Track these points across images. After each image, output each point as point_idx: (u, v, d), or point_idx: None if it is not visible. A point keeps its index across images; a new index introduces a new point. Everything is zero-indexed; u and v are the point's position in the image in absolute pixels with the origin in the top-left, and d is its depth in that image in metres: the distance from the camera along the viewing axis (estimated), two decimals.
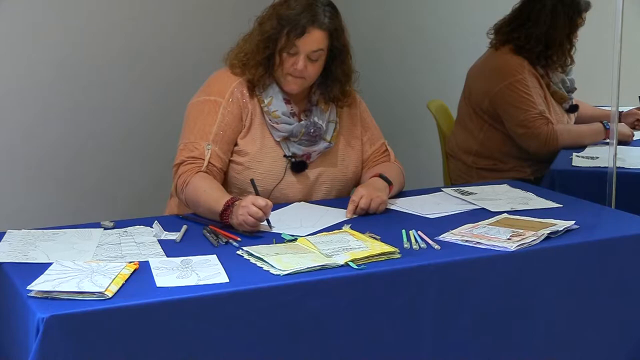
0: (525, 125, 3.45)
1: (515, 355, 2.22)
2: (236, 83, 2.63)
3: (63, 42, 3.43)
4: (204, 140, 2.56)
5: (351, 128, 2.78)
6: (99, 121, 3.53)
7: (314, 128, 2.64)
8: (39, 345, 1.73)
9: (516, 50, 3.53)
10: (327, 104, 2.70)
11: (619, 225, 2.46)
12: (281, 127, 2.62)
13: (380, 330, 2.05)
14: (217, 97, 2.61)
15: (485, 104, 3.53)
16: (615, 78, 2.91)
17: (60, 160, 3.49)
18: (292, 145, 2.64)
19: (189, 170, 2.53)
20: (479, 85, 3.57)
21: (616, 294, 2.32)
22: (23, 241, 2.21)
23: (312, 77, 2.62)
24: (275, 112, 2.61)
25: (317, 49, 2.57)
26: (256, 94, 2.64)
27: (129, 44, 3.54)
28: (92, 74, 3.49)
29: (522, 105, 3.45)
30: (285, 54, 2.57)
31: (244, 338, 1.91)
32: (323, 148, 2.68)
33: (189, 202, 2.51)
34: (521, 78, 3.48)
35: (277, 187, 2.61)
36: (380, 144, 2.82)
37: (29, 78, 3.39)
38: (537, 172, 3.55)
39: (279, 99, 2.63)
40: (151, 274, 1.97)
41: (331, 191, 2.71)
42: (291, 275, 1.97)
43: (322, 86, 2.68)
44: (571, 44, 3.56)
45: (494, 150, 3.57)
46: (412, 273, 2.07)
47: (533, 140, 3.46)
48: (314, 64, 2.59)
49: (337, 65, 2.66)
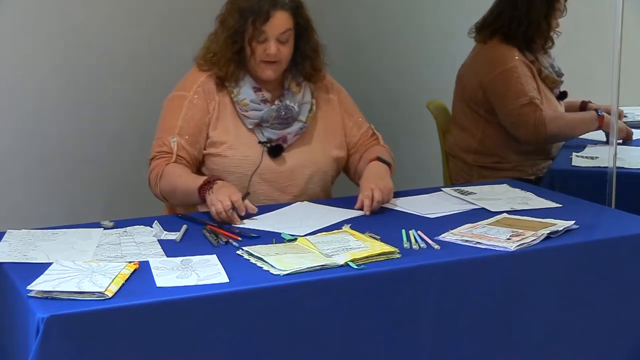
0: (514, 114, 3.44)
1: (515, 355, 2.22)
2: (203, 77, 2.69)
3: (63, 42, 3.43)
4: (170, 134, 2.64)
5: (329, 113, 2.80)
6: (99, 121, 3.53)
7: (285, 110, 2.67)
8: (39, 345, 1.73)
9: (504, 40, 3.54)
10: (299, 86, 2.74)
11: (619, 225, 2.46)
12: (251, 114, 2.66)
13: (380, 330, 2.05)
14: (184, 91, 2.69)
15: (480, 96, 3.53)
16: (615, 78, 2.90)
17: (60, 160, 3.48)
18: (265, 130, 2.68)
19: (159, 163, 2.62)
20: (472, 78, 3.57)
21: (616, 294, 2.32)
22: (23, 241, 2.21)
23: (286, 59, 2.67)
24: (243, 100, 2.66)
25: (285, 30, 2.63)
26: (226, 86, 2.68)
27: (129, 44, 3.54)
28: (92, 73, 3.49)
29: (511, 94, 3.45)
30: (255, 43, 2.62)
31: (244, 338, 1.91)
32: (298, 129, 2.70)
33: (165, 191, 2.59)
34: (512, 67, 3.48)
35: (256, 172, 2.64)
36: (367, 128, 2.86)
37: (29, 78, 3.39)
38: (538, 171, 3.55)
39: (248, 88, 2.68)
40: (151, 274, 1.97)
41: (315, 174, 2.72)
42: (291, 275, 1.97)
43: (292, 68, 2.73)
44: (549, 25, 3.55)
45: (494, 146, 3.56)
46: (412, 273, 2.07)
47: (522, 128, 3.44)
48: (285, 45, 2.64)
49: (305, 42, 2.72)
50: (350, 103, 2.88)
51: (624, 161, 3.20)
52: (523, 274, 2.19)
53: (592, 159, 3.30)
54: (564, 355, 2.29)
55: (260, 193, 2.64)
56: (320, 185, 2.74)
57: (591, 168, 3.20)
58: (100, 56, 3.50)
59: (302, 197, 2.68)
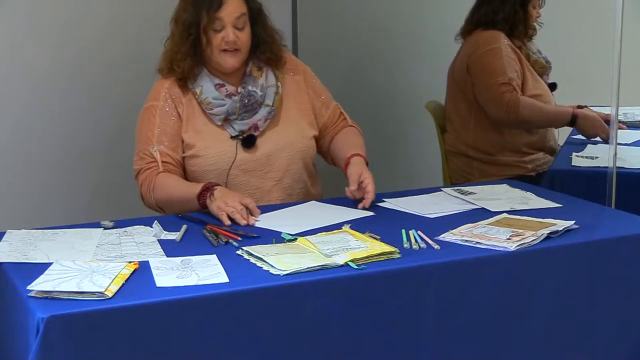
0: (490, 91, 3.46)
1: (515, 355, 2.22)
2: (167, 84, 2.72)
3: (63, 42, 3.42)
4: (149, 144, 2.65)
5: (297, 93, 2.81)
6: (99, 120, 3.52)
7: (248, 97, 2.68)
8: (39, 345, 1.73)
9: (487, 28, 3.57)
10: (260, 70, 2.74)
11: (618, 225, 2.46)
12: (216, 111, 2.67)
13: (380, 330, 2.05)
14: (152, 102, 2.72)
15: (468, 79, 3.55)
16: (615, 78, 2.90)
17: (60, 159, 3.48)
18: (235, 123, 2.69)
19: (148, 175, 2.63)
20: (460, 65, 3.60)
21: (616, 294, 2.32)
22: (23, 241, 2.21)
23: (246, 45, 2.68)
24: (206, 99, 2.67)
25: (240, 15, 2.65)
26: (189, 87, 2.70)
27: (129, 44, 3.54)
28: (92, 73, 3.48)
29: (491, 71, 3.47)
30: (212, 32, 2.63)
31: (244, 338, 1.91)
32: (266, 113, 2.71)
33: (161, 202, 2.62)
34: (497, 47, 3.50)
35: (233, 166, 2.65)
36: (334, 106, 2.89)
37: (28, 77, 3.38)
38: (538, 167, 3.56)
39: (210, 85, 2.69)
40: (151, 274, 1.97)
41: (293, 156, 2.73)
42: (291, 275, 1.97)
43: (252, 55, 2.74)
44: (527, 12, 3.59)
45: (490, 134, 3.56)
46: (412, 273, 2.07)
47: (495, 106, 3.46)
48: (243, 31, 2.66)
49: (260, 27, 2.74)
50: (316, 83, 2.89)
51: (624, 161, 3.20)
52: (523, 274, 2.19)
53: (592, 159, 3.30)
54: (564, 355, 2.29)
55: (242, 184, 2.67)
56: (300, 166, 2.75)
57: (591, 168, 3.20)
58: (101, 56, 3.50)
59: (284, 179, 2.70)
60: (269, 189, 2.69)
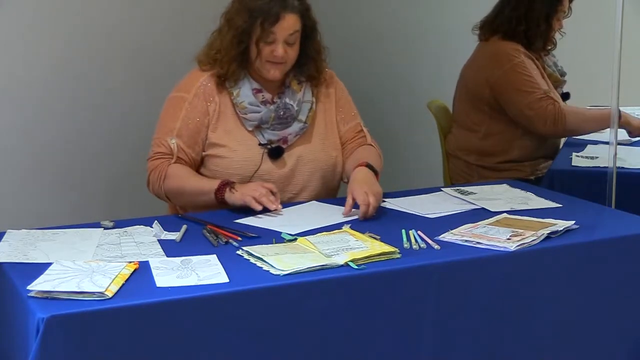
0: (532, 107, 3.42)
1: (515, 354, 2.22)
2: (203, 78, 2.68)
3: (63, 42, 3.43)
4: (169, 135, 2.64)
5: (327, 106, 2.80)
6: (98, 120, 3.53)
7: (284, 110, 2.67)
8: (39, 345, 1.73)
9: (505, 38, 3.54)
10: (300, 85, 2.73)
11: (619, 225, 2.46)
12: (250, 117, 2.65)
13: (380, 330, 2.05)
14: (183, 93, 2.68)
15: (486, 93, 3.51)
16: (615, 78, 2.90)
17: (60, 160, 3.48)
18: (265, 132, 2.67)
19: (160, 164, 2.62)
20: (477, 75, 3.56)
21: (616, 294, 2.32)
22: (23, 241, 2.21)
23: (292, 60, 2.67)
24: (242, 103, 2.65)
25: (293, 32, 2.62)
26: (226, 86, 2.67)
27: (129, 44, 3.54)
28: (92, 73, 3.49)
29: (525, 88, 3.43)
30: (263, 44, 2.61)
31: (244, 338, 1.91)
32: (298, 129, 2.70)
33: (171, 192, 2.61)
34: (519, 62, 3.47)
35: (256, 175, 2.63)
36: (355, 124, 2.84)
37: (28, 77, 3.39)
38: (537, 171, 3.55)
39: (247, 90, 2.67)
40: (151, 274, 1.97)
41: (314, 173, 2.71)
42: (291, 275, 1.97)
43: (295, 68, 2.72)
44: (550, 26, 3.55)
45: (497, 144, 3.55)
46: (412, 273, 2.07)
47: (540, 121, 3.42)
48: (292, 47, 2.64)
49: (309, 44, 2.71)
50: (343, 97, 2.85)
51: (624, 161, 3.20)
52: (523, 274, 2.19)
53: (592, 159, 3.30)
54: (564, 355, 2.29)
55: None
56: (320, 183, 2.72)
57: (591, 168, 3.20)
58: (101, 55, 3.50)
59: (301, 194, 2.69)
60: (288, 203, 2.64)
